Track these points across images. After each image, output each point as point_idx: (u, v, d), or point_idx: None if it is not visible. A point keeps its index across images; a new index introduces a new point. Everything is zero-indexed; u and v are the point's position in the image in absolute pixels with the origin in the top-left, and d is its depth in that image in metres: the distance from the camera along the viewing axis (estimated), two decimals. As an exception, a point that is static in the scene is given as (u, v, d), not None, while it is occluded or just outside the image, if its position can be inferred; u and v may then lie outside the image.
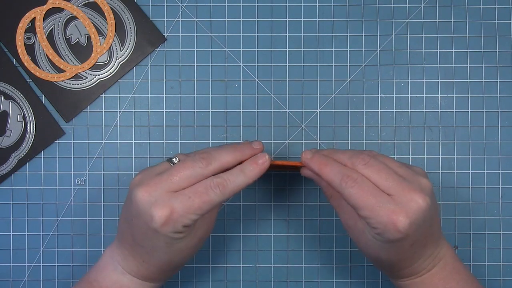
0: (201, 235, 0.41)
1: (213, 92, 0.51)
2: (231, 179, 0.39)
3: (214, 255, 0.51)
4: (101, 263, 0.42)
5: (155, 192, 0.38)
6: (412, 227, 0.37)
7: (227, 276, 0.51)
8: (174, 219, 0.37)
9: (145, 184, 0.38)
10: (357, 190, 0.37)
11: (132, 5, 0.51)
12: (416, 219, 0.37)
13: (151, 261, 0.40)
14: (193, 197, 0.38)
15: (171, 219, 0.37)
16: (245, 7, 0.52)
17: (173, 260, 0.40)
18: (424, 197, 0.37)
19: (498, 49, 0.51)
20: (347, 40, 0.51)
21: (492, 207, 0.51)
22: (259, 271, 0.51)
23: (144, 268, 0.41)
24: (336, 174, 0.39)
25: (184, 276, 0.51)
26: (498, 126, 0.51)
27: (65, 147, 0.51)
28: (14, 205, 0.50)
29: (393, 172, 0.39)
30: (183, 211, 0.37)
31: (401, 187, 0.38)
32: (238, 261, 0.51)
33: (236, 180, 0.39)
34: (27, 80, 0.51)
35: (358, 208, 0.38)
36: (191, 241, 0.40)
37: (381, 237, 0.38)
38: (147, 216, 0.38)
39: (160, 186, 0.38)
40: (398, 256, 0.40)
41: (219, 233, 0.51)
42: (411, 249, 0.39)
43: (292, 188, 0.51)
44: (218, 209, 0.42)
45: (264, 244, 0.51)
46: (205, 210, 0.38)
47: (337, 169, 0.39)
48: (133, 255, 0.41)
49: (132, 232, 0.40)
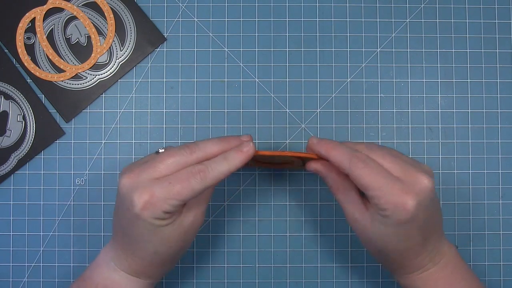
0: (187, 227, 0.40)
1: (213, 92, 0.51)
2: (213, 166, 0.39)
3: (214, 255, 0.51)
4: (96, 261, 0.43)
5: (137, 179, 0.38)
6: (420, 207, 0.38)
7: (227, 276, 0.51)
8: (153, 203, 0.37)
9: (129, 171, 0.39)
10: (367, 170, 0.38)
11: (132, 5, 0.51)
12: (423, 199, 0.38)
13: (138, 252, 0.40)
14: (174, 182, 0.38)
15: (150, 203, 0.37)
16: (245, 7, 0.52)
17: (159, 251, 0.40)
18: (429, 179, 0.38)
19: (498, 49, 0.51)
20: (347, 40, 0.51)
21: (492, 207, 0.51)
22: (259, 271, 0.51)
23: (133, 261, 0.41)
24: (344, 155, 0.39)
25: (184, 276, 0.51)
26: (498, 126, 0.51)
27: (65, 147, 0.51)
28: (14, 205, 0.50)
29: (397, 158, 0.40)
30: (163, 195, 0.37)
31: (406, 169, 0.39)
32: (238, 261, 0.51)
33: (218, 167, 0.39)
34: (27, 80, 0.51)
35: (368, 188, 0.38)
36: (175, 231, 0.40)
37: (390, 220, 0.38)
38: (129, 201, 0.38)
39: (143, 173, 0.39)
40: (406, 244, 0.40)
41: (219, 233, 0.51)
42: (418, 235, 0.39)
43: (292, 188, 0.51)
44: (205, 202, 0.42)
45: (264, 244, 0.51)
46: (185, 196, 0.38)
47: (345, 151, 0.40)
48: (122, 247, 0.41)
49: (120, 222, 0.40)
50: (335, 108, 0.51)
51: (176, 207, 0.38)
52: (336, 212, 0.51)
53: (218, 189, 0.51)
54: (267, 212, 0.51)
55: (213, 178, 0.38)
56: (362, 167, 0.38)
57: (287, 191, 0.51)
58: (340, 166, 0.39)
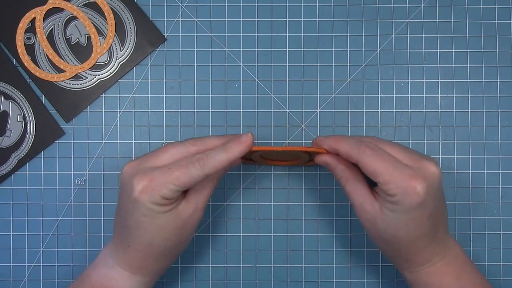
0: (184, 220, 0.41)
1: (213, 92, 0.51)
2: (212, 155, 0.39)
3: (214, 255, 0.51)
4: (95, 260, 0.43)
5: (139, 166, 0.40)
6: (428, 193, 0.38)
7: (227, 276, 0.51)
8: (152, 187, 0.38)
9: (132, 161, 0.41)
10: (376, 157, 0.39)
11: (132, 5, 0.51)
12: (432, 184, 0.39)
13: (134, 243, 0.41)
14: (173, 168, 0.39)
15: (149, 186, 0.38)
16: (245, 7, 0.52)
17: (154, 242, 0.40)
18: (436, 166, 0.40)
19: (498, 49, 0.51)
20: (347, 40, 0.51)
21: (492, 207, 0.51)
22: (259, 271, 0.51)
23: (130, 254, 0.41)
24: (353, 144, 0.40)
25: (184, 276, 0.51)
26: (498, 126, 0.51)
27: (65, 147, 0.51)
28: (14, 205, 0.50)
29: (405, 148, 0.41)
30: (162, 180, 0.38)
31: (414, 157, 0.40)
32: (238, 261, 0.51)
33: (217, 156, 0.39)
34: (27, 80, 0.51)
35: (377, 174, 0.39)
36: (172, 222, 0.40)
37: (400, 206, 0.39)
38: (129, 186, 0.39)
39: (145, 162, 0.40)
40: (416, 232, 0.40)
41: (219, 233, 0.51)
42: (427, 223, 0.40)
43: (292, 188, 0.51)
44: (205, 197, 0.42)
45: (264, 244, 0.51)
46: (183, 182, 0.39)
47: (354, 141, 0.41)
48: (120, 240, 0.42)
49: (120, 212, 0.41)
50: (335, 108, 0.51)
51: (174, 192, 0.39)
52: (336, 212, 0.51)
53: (218, 189, 0.51)
54: (267, 212, 0.51)
55: (212, 166, 0.39)
56: (371, 153, 0.39)
57: (287, 191, 0.51)
58: (350, 155, 0.40)
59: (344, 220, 0.51)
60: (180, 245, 0.42)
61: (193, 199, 0.41)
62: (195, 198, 0.41)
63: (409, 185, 0.38)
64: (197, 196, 0.41)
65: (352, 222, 0.51)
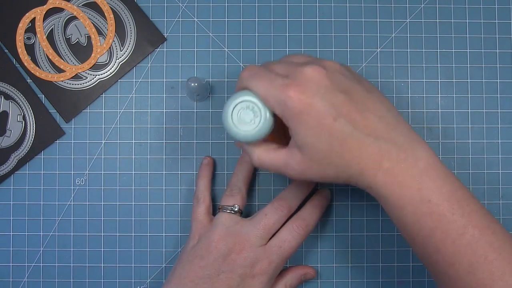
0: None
1: (213, 92, 0.51)
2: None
3: (214, 255, 0.51)
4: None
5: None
6: (313, 95, 0.36)
7: (227, 276, 0.50)
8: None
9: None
10: (253, 77, 0.39)
11: (132, 5, 0.51)
12: (309, 87, 0.36)
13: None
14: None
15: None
16: (245, 7, 0.52)
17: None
18: (316, 68, 0.37)
19: (498, 49, 0.51)
20: (347, 40, 0.51)
21: (492, 207, 0.51)
22: (259, 271, 0.50)
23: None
24: (245, 79, 0.40)
25: (184, 276, 0.51)
26: (498, 126, 0.51)
27: (65, 147, 0.51)
28: (14, 205, 0.50)
29: (290, 62, 0.40)
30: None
31: (296, 67, 0.38)
32: (238, 261, 0.51)
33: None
34: (27, 80, 0.51)
35: (259, 95, 0.38)
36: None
37: (290, 123, 0.37)
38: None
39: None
40: (331, 139, 0.37)
41: (219, 233, 0.51)
42: (338, 124, 0.36)
43: (292, 188, 0.51)
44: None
45: (264, 244, 0.51)
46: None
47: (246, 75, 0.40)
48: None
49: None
50: (335, 108, 0.51)
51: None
52: (336, 212, 0.51)
53: (218, 189, 0.51)
54: (267, 212, 0.51)
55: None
56: (248, 76, 0.39)
57: (287, 191, 0.51)
58: (244, 87, 0.40)
59: (344, 220, 0.51)
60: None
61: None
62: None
63: (283, 94, 0.36)
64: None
65: (352, 222, 0.51)
